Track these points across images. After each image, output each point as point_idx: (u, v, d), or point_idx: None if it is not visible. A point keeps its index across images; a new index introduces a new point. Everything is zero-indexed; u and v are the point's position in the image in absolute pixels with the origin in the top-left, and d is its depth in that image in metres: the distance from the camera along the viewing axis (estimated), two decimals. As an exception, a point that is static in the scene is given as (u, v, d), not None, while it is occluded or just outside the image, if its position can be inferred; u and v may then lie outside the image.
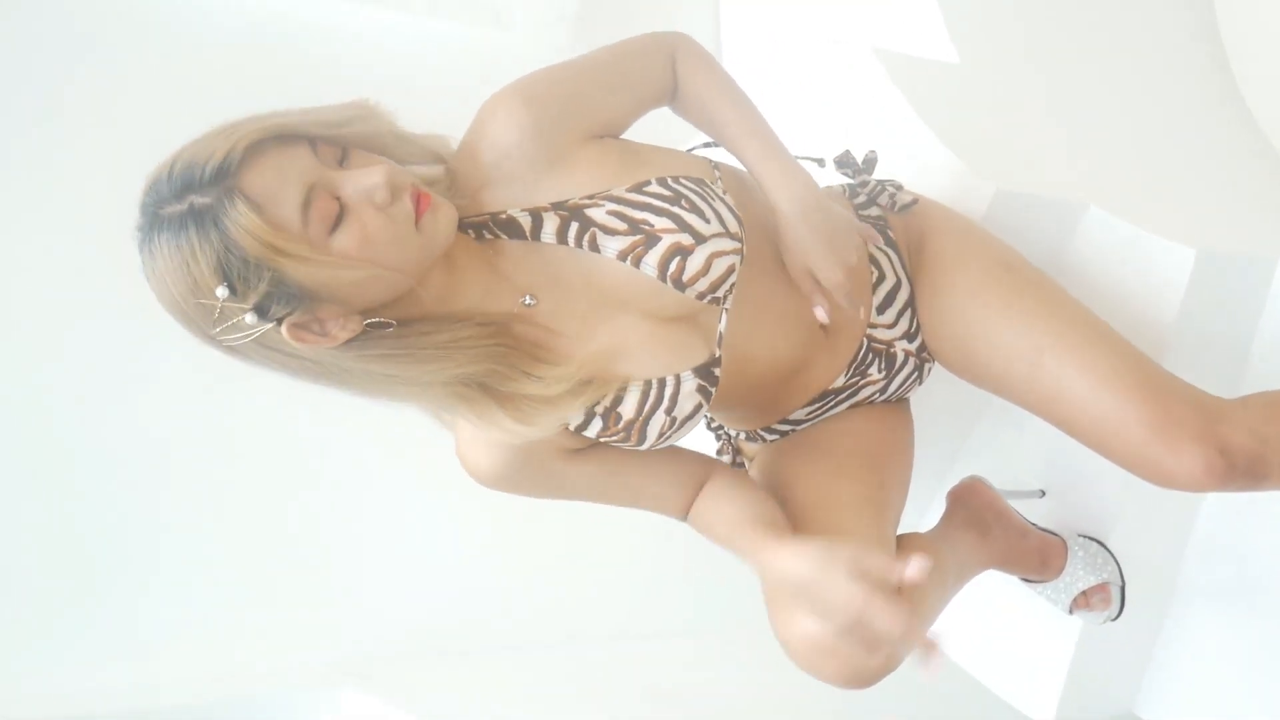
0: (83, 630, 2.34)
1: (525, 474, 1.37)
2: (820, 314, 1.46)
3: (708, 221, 1.34)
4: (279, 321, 1.18)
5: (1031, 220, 1.76)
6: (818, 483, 1.50)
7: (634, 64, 1.42)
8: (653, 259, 1.33)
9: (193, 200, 1.13)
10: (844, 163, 1.67)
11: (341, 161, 1.20)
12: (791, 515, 1.47)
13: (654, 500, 1.47)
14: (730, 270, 1.37)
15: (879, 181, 1.64)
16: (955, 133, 1.82)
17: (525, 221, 1.33)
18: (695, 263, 1.34)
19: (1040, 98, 1.95)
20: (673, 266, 1.33)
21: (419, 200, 1.21)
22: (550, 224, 1.32)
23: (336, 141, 1.21)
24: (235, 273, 1.14)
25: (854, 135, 1.93)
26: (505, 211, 1.33)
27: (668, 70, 1.44)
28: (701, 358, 1.39)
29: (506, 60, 2.60)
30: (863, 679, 1.35)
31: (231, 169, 1.13)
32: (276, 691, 2.38)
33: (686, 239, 1.33)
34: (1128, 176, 1.86)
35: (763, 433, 1.66)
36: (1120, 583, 1.83)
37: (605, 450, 1.42)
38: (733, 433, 1.71)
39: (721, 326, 1.41)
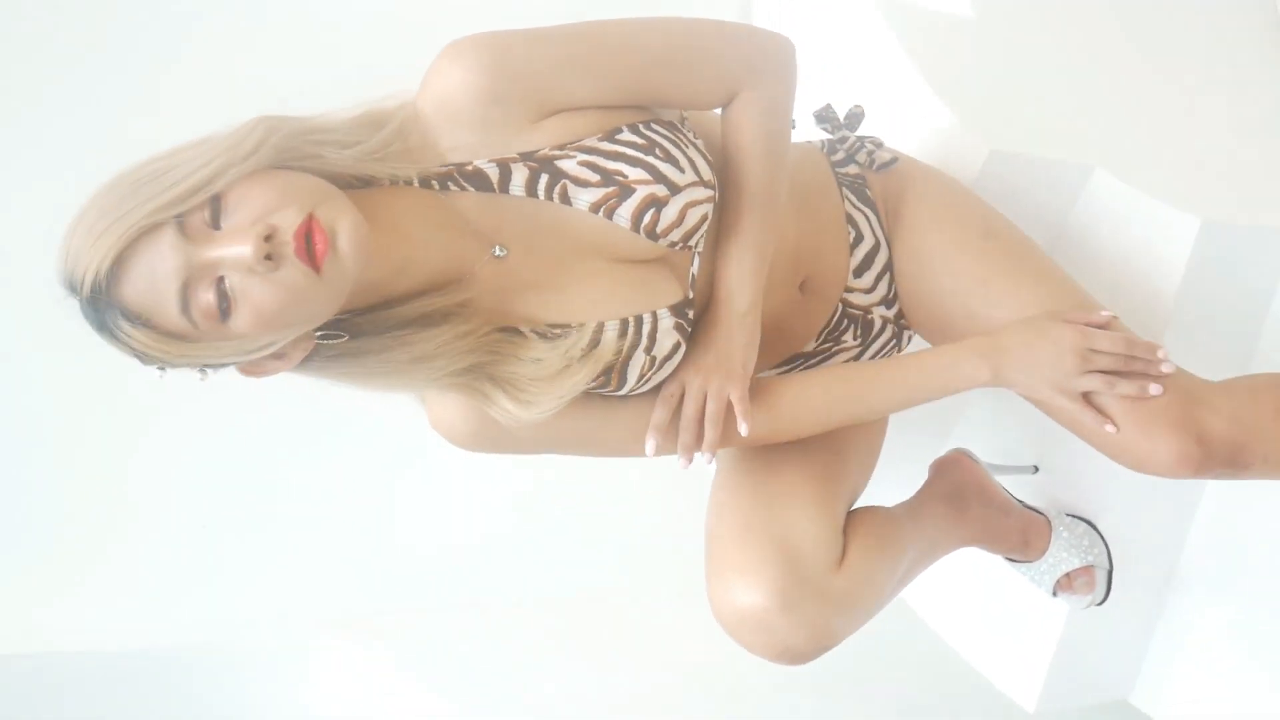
0: (78, 570, 2.37)
1: (505, 432, 1.31)
2: (650, 438, 1.35)
3: (682, 171, 1.28)
4: (229, 365, 1.16)
5: (1026, 184, 1.68)
6: (765, 451, 1.45)
7: (686, 68, 1.31)
8: (626, 211, 1.27)
9: (83, 309, 1.10)
10: (823, 117, 1.60)
11: (215, 218, 1.11)
12: (736, 479, 1.43)
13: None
14: (704, 219, 1.32)
15: (858, 138, 1.56)
16: (952, 87, 1.73)
17: (493, 173, 1.26)
18: (670, 214, 1.28)
19: (1048, 56, 1.85)
20: (646, 219, 1.28)
21: (313, 247, 1.10)
22: (519, 175, 1.26)
23: (204, 195, 1.10)
24: (158, 362, 1.12)
25: (846, 86, 1.85)
26: (471, 163, 1.26)
27: (721, 94, 1.34)
28: (676, 297, 1.34)
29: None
30: (793, 655, 1.32)
31: (102, 288, 1.08)
32: (263, 639, 2.39)
33: (661, 190, 1.27)
34: (1133, 140, 1.77)
35: None
36: (1108, 566, 1.76)
37: (589, 399, 1.35)
38: None
39: (694, 269, 1.36)
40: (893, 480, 1.79)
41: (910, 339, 1.59)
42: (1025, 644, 1.94)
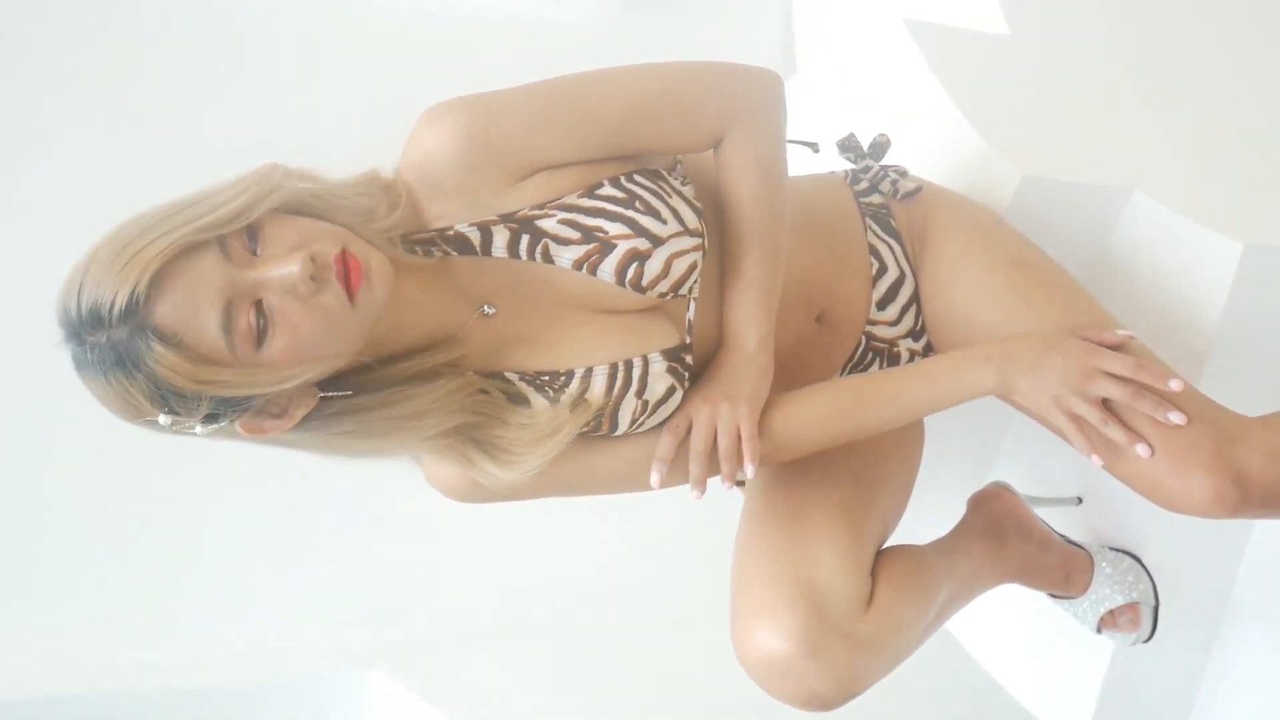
0: (127, 606, 2.39)
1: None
2: (656, 468, 1.32)
3: (664, 222, 1.27)
4: (231, 421, 1.13)
5: (1061, 211, 1.63)
6: (794, 489, 1.41)
7: (665, 118, 1.29)
8: (609, 266, 1.26)
9: (108, 336, 1.06)
10: (846, 147, 1.56)
11: (254, 245, 1.11)
12: (762, 518, 1.40)
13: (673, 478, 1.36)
14: (692, 267, 1.30)
15: (881, 167, 1.52)
16: (982, 110, 1.69)
17: (474, 237, 1.26)
18: (654, 266, 1.27)
19: (1081, 75, 1.80)
20: (630, 272, 1.27)
21: (349, 275, 1.11)
22: (500, 238, 1.26)
23: (246, 221, 1.10)
24: (173, 402, 1.08)
25: (874, 109, 1.81)
26: (452, 227, 1.25)
27: (705, 139, 1.33)
28: (671, 342, 1.32)
29: (558, 35, 2.54)
30: (819, 702, 1.28)
31: (138, 305, 1.05)
32: (308, 673, 2.39)
33: (643, 243, 1.26)
34: (1172, 162, 1.71)
35: None
36: (1153, 603, 1.70)
37: (581, 441, 1.32)
38: None
39: (690, 315, 1.34)
40: (931, 515, 1.75)
41: (941, 372, 1.55)
42: (1072, 679, 1.89)
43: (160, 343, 1.05)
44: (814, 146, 1.55)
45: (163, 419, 1.09)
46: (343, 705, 2.38)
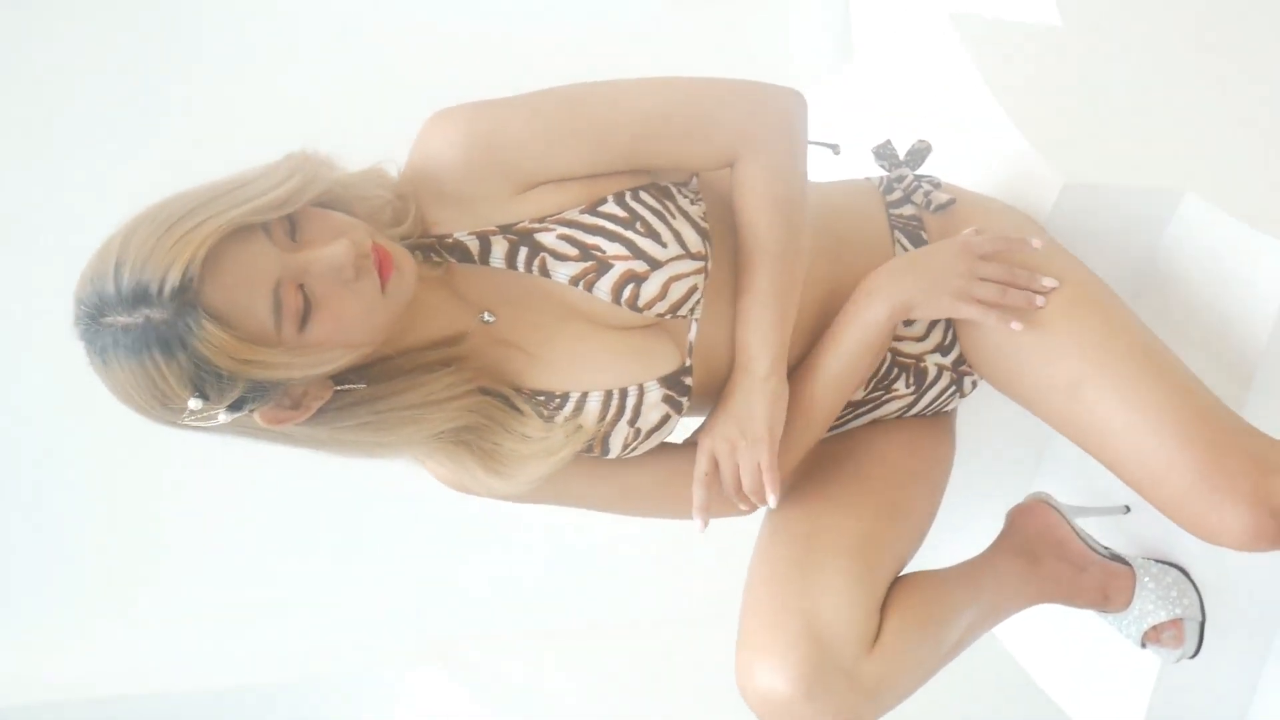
0: (174, 608, 2.43)
1: None
2: (697, 517, 1.33)
3: (664, 245, 1.25)
4: (252, 410, 1.13)
5: (1106, 217, 1.56)
6: (809, 515, 1.39)
7: (677, 138, 1.27)
8: (605, 285, 1.25)
9: (149, 316, 1.04)
10: (882, 154, 1.52)
11: (293, 233, 1.12)
12: (776, 540, 1.38)
13: (660, 506, 1.39)
14: (692, 290, 1.28)
15: (915, 176, 1.48)
16: (1028, 112, 1.62)
17: (473, 246, 1.25)
18: (650, 289, 1.26)
19: (1129, 71, 1.73)
20: (626, 293, 1.26)
21: (382, 264, 1.13)
22: (499, 248, 1.25)
23: (291, 208, 1.11)
24: (208, 384, 1.07)
25: (917, 108, 1.76)
26: (451, 235, 1.25)
27: (717, 160, 1.30)
28: (670, 366, 1.30)
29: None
30: None
31: (191, 283, 1.04)
32: (351, 671, 2.42)
33: (640, 265, 1.24)
34: (1225, 163, 1.63)
35: None
36: (1199, 618, 1.64)
37: (581, 462, 1.34)
38: None
39: (691, 336, 1.32)
40: (968, 528, 1.71)
41: (975, 385, 1.51)
42: (1120, 692, 1.84)
43: (211, 321, 1.05)
44: (834, 148, 1.51)
45: (192, 403, 1.07)
46: (375, 704, 2.41)
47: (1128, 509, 1.77)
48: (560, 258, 1.24)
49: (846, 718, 1.25)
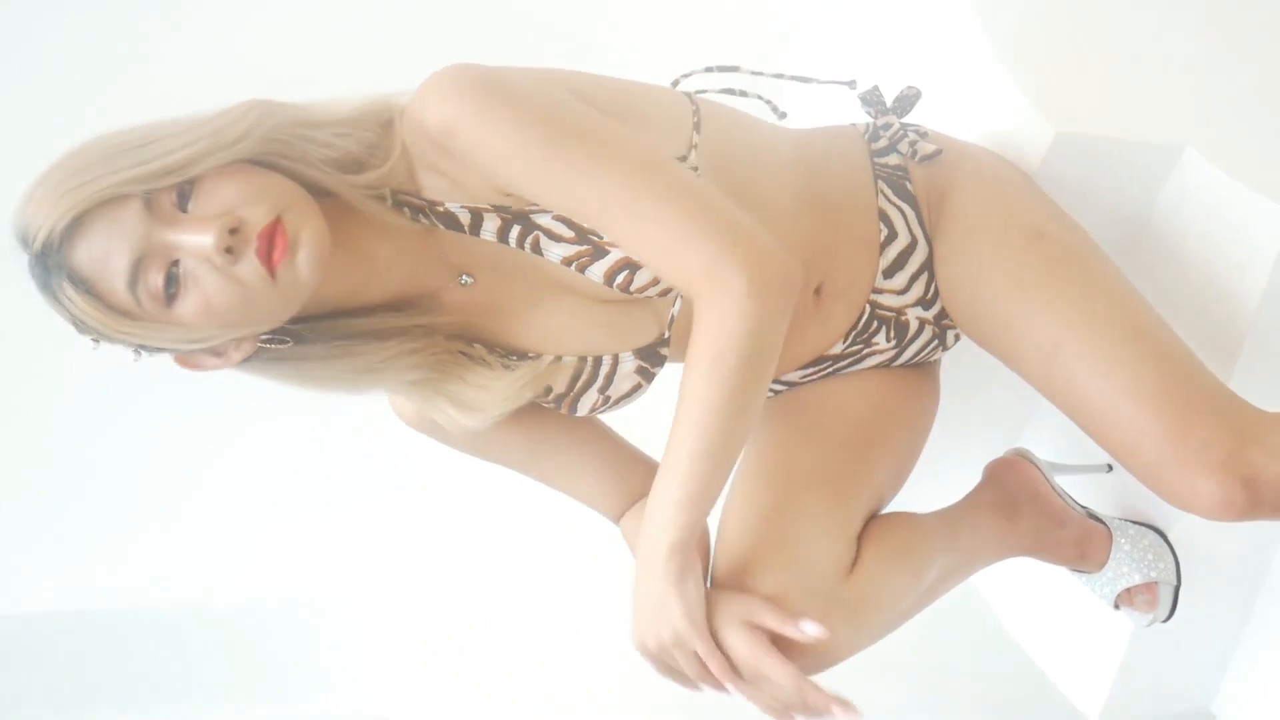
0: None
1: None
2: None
3: None
4: (165, 351, 1.14)
5: (1101, 173, 1.52)
6: (785, 449, 1.38)
7: (640, 242, 1.16)
8: (599, 269, 1.22)
9: (30, 264, 1.09)
10: (869, 100, 1.47)
11: (184, 202, 1.09)
12: (752, 479, 1.35)
13: (587, 491, 1.40)
14: None
15: (902, 125, 1.43)
16: (1025, 62, 1.57)
17: (464, 218, 1.22)
18: (645, 276, 1.23)
19: (1127, 14, 1.67)
20: (620, 279, 1.23)
21: (271, 248, 1.09)
22: (491, 223, 1.22)
23: (179, 178, 1.09)
24: (93, 332, 1.11)
25: (900, 57, 1.71)
26: (443, 204, 1.21)
27: (680, 285, 1.18)
28: (649, 338, 1.29)
29: None
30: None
31: (54, 244, 1.07)
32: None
33: None
34: (1228, 118, 1.58)
35: None
36: (1174, 583, 1.62)
37: (542, 417, 1.35)
38: None
39: (674, 310, 1.29)
40: (948, 479, 1.69)
41: (958, 338, 1.48)
42: (1092, 650, 1.83)
43: (73, 287, 1.08)
44: (851, 83, 1.49)
45: (89, 342, 1.13)
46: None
47: (1110, 468, 1.74)
48: (555, 238, 1.21)
49: (825, 645, 1.21)
